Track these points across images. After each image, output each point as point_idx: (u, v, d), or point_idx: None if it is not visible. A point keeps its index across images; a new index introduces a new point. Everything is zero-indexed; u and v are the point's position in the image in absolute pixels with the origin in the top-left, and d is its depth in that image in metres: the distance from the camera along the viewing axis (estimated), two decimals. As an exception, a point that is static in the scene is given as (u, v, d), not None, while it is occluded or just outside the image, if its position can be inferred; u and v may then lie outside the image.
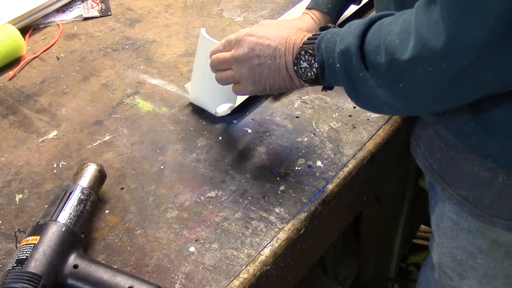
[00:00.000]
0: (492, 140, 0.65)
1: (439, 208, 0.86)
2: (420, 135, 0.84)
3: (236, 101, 0.91)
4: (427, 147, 0.81)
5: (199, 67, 0.89)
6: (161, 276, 0.69)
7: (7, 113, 0.95)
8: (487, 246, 0.80)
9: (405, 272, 1.64)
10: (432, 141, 0.79)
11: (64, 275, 0.65)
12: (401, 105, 0.65)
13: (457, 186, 0.77)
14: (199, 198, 0.79)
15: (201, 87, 0.91)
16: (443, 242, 0.88)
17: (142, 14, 1.19)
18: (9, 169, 0.85)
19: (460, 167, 0.75)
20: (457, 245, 0.84)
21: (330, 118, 0.91)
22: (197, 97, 0.93)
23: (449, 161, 0.77)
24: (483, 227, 0.78)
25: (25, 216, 0.77)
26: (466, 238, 0.82)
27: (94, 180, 0.75)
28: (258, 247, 0.72)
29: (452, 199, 0.78)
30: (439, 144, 0.77)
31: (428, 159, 0.81)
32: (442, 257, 0.90)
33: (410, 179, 1.24)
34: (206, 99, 0.92)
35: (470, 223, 0.79)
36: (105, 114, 0.94)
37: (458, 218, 0.81)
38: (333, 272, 1.47)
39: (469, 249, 0.83)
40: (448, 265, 0.90)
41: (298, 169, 0.82)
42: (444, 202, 0.83)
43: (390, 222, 1.34)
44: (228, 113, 0.91)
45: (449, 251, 0.87)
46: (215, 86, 0.85)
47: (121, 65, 1.05)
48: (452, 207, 0.81)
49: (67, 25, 1.16)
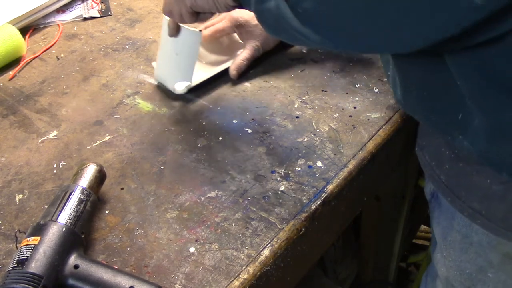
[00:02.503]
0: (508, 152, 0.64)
1: (445, 220, 0.84)
2: (424, 144, 0.82)
3: (193, 81, 0.96)
4: (434, 158, 0.80)
5: (161, 45, 0.97)
6: (161, 277, 0.69)
7: (7, 113, 0.95)
8: (499, 260, 0.78)
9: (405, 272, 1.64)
10: (441, 152, 0.78)
11: (64, 276, 0.65)
12: (300, 25, 0.62)
13: (468, 198, 0.75)
14: (199, 199, 0.79)
15: (162, 65, 0.99)
16: (451, 256, 0.85)
17: (142, 14, 1.19)
18: (9, 169, 0.85)
19: (471, 179, 0.73)
20: (467, 259, 0.82)
21: (330, 118, 0.91)
22: (159, 74, 1.00)
23: (458, 173, 0.75)
24: (495, 240, 0.76)
25: (25, 217, 0.77)
26: (476, 252, 0.80)
27: (94, 180, 0.75)
28: (258, 248, 0.72)
29: (463, 211, 0.76)
30: (449, 155, 0.76)
31: (435, 170, 0.80)
32: (450, 271, 0.88)
33: (410, 179, 1.24)
34: (166, 76, 0.98)
35: (481, 237, 0.77)
36: (105, 114, 0.94)
37: (468, 231, 0.79)
38: (333, 272, 1.47)
39: (480, 263, 0.81)
40: (456, 278, 0.87)
41: (298, 169, 0.82)
42: (453, 215, 0.80)
43: (390, 222, 1.34)
44: (186, 92, 0.96)
45: (458, 264, 0.85)
46: (173, 63, 0.95)
47: (121, 65, 1.05)
48: (462, 220, 0.79)
49: (67, 25, 1.16)
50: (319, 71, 1.00)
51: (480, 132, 0.66)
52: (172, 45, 0.93)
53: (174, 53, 0.94)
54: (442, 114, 0.71)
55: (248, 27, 0.99)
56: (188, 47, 0.92)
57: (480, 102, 0.64)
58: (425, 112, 0.74)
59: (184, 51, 0.93)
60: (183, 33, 0.91)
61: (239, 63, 0.98)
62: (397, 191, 1.25)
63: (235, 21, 1.00)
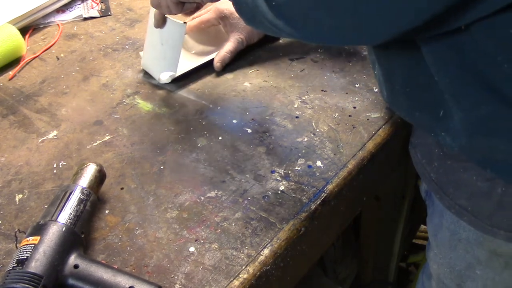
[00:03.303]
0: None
1: (436, 218, 0.85)
2: (417, 143, 0.83)
3: (177, 72, 0.98)
4: (425, 155, 0.81)
5: (148, 37, 1.00)
6: (161, 276, 0.69)
7: (7, 113, 0.95)
8: (486, 257, 0.79)
9: (405, 272, 1.64)
10: (431, 150, 0.78)
11: (64, 275, 0.65)
12: (273, 17, 0.64)
13: (456, 195, 0.76)
14: (199, 198, 0.79)
15: (148, 55, 1.01)
16: (441, 253, 0.86)
17: (142, 14, 1.19)
18: (9, 169, 0.85)
19: (458, 176, 0.74)
20: (456, 256, 0.83)
21: (330, 118, 0.91)
22: (145, 64, 1.02)
23: (447, 170, 0.76)
24: (482, 237, 0.76)
25: (25, 216, 0.77)
26: (464, 249, 0.81)
27: (94, 180, 0.75)
28: (258, 247, 0.72)
29: (451, 208, 0.77)
30: (438, 153, 0.77)
31: (425, 167, 0.80)
32: (441, 268, 0.89)
33: (410, 179, 1.24)
34: (152, 66, 1.00)
35: (468, 234, 0.78)
36: (105, 114, 0.94)
37: (457, 228, 0.80)
38: (333, 272, 1.47)
39: (468, 260, 0.81)
40: (446, 275, 0.88)
41: (298, 169, 0.82)
42: (442, 212, 0.81)
43: (390, 222, 1.34)
44: (169, 81, 0.98)
45: (447, 261, 0.86)
46: (158, 54, 0.97)
47: (121, 65, 1.05)
48: (450, 217, 0.80)
49: (67, 25, 1.16)
50: (319, 71, 1.00)
51: (459, 128, 0.66)
52: (158, 36, 0.96)
53: (159, 44, 0.96)
54: (425, 112, 0.72)
55: (233, 19, 1.00)
56: (173, 38, 0.94)
57: (457, 97, 0.64)
58: (409, 109, 0.75)
59: (169, 42, 0.95)
60: (169, 24, 0.94)
61: (223, 56, 0.99)
62: (397, 191, 1.25)
63: (220, 12, 1.01)
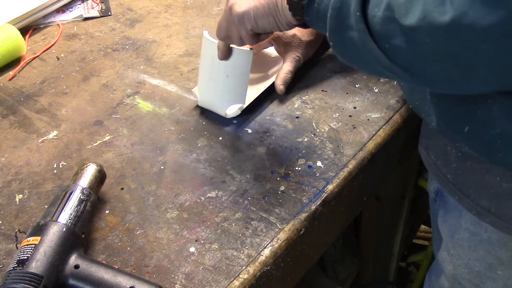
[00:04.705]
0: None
1: (453, 218, 0.83)
2: (429, 143, 0.82)
3: (246, 101, 0.91)
4: (440, 157, 0.79)
5: (205, 69, 0.90)
6: (161, 277, 0.69)
7: (7, 113, 0.95)
8: (509, 257, 0.78)
9: (405, 272, 1.64)
10: (446, 151, 0.77)
11: (65, 276, 0.65)
12: (388, 61, 0.60)
13: (476, 196, 0.74)
14: (199, 199, 0.79)
15: (209, 90, 0.92)
16: (459, 254, 0.85)
17: (142, 14, 1.19)
18: (9, 169, 0.85)
19: (480, 177, 0.73)
20: (475, 257, 0.82)
21: (330, 118, 0.91)
22: (205, 100, 0.93)
23: (466, 171, 0.75)
24: (505, 238, 0.76)
25: (25, 217, 0.77)
26: (485, 250, 0.80)
27: (94, 180, 0.75)
28: (258, 248, 0.72)
29: (471, 210, 0.76)
30: (456, 154, 0.76)
31: (441, 169, 0.79)
32: (457, 269, 0.87)
33: (410, 179, 1.24)
34: (215, 101, 0.92)
35: (490, 234, 0.77)
36: (105, 114, 0.94)
37: (477, 229, 0.78)
38: (333, 272, 1.47)
39: (489, 261, 0.80)
40: (464, 276, 0.87)
41: (298, 169, 0.82)
42: (461, 212, 0.80)
43: (390, 222, 1.34)
44: (238, 114, 0.91)
45: (466, 262, 0.84)
46: (223, 87, 0.88)
47: (121, 65, 1.05)
48: (470, 218, 0.78)
49: (67, 25, 1.16)
50: (319, 71, 1.00)
51: (493, 144, 0.66)
52: (221, 69, 0.88)
53: (224, 76, 0.88)
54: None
55: (286, 38, 0.96)
56: (240, 67, 0.88)
57: None
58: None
59: (235, 73, 0.88)
60: (235, 54, 0.86)
61: (284, 77, 0.94)
62: (397, 191, 1.25)
63: (271, 34, 0.95)
